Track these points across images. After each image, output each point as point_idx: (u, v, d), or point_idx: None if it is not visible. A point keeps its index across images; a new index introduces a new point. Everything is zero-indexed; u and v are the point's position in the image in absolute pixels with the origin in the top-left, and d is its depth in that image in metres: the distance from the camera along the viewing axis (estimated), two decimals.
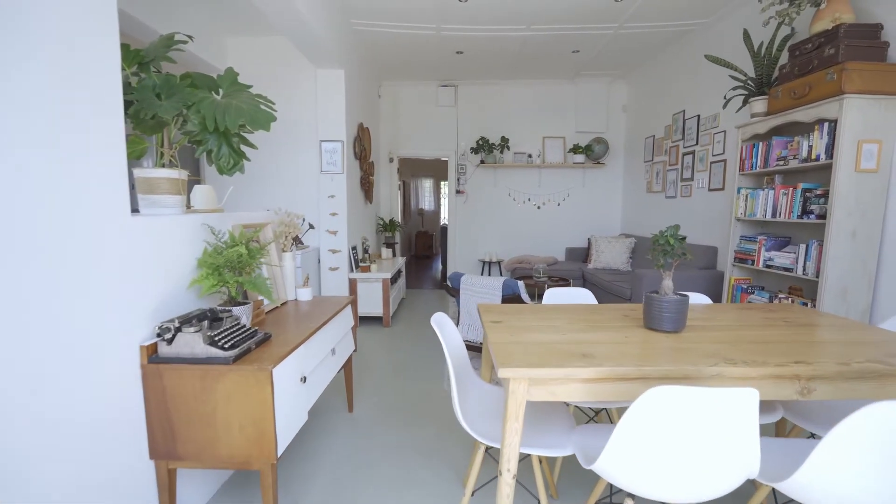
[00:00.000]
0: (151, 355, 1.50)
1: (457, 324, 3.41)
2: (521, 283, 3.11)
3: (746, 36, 3.23)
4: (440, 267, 9.10)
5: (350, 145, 4.51)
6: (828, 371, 1.25)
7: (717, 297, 3.78)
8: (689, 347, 1.44)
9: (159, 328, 1.48)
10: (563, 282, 4.61)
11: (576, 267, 5.59)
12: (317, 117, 4.31)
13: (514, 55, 5.14)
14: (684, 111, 4.68)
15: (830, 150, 2.57)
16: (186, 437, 1.50)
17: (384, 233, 6.11)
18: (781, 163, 2.95)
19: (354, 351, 2.65)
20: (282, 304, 2.35)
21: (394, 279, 4.80)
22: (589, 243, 5.78)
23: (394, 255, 5.86)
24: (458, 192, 6.50)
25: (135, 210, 1.67)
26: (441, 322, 1.68)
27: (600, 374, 1.24)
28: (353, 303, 2.61)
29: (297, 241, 2.50)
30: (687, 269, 3.99)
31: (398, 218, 6.71)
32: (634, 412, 1.08)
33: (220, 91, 1.79)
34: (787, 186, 2.89)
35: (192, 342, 1.49)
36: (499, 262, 6.48)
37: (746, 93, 3.28)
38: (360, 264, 4.61)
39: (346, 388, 2.68)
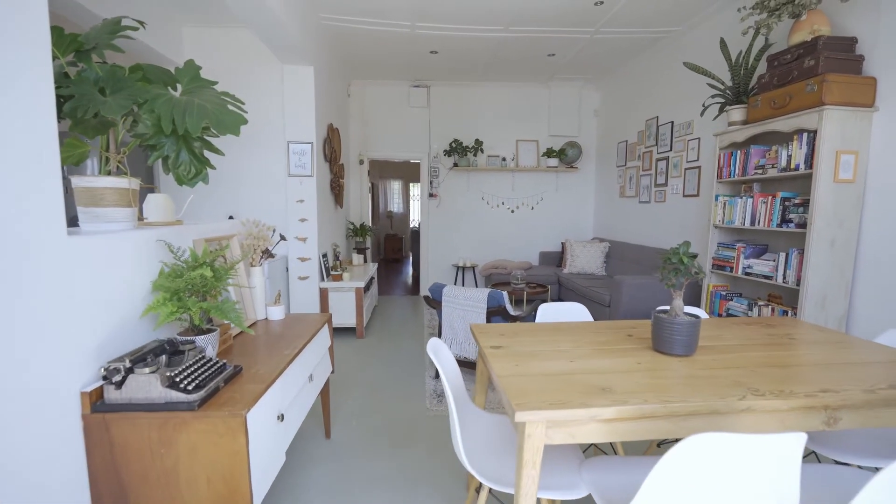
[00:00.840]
0: (96, 402, 1.26)
1: (438, 336, 3.25)
2: (505, 295, 2.99)
3: (723, 45, 3.25)
4: (411, 271, 8.90)
5: (320, 147, 4.25)
6: (855, 400, 1.19)
7: (694, 303, 3.81)
8: (706, 375, 1.35)
9: (105, 370, 1.24)
10: (541, 288, 4.55)
11: (551, 272, 5.55)
12: (284, 117, 4.03)
13: (489, 57, 5.04)
14: (658, 117, 4.72)
15: (809, 159, 2.60)
16: (141, 498, 1.26)
17: (355, 238, 5.86)
18: (760, 171, 2.97)
19: (332, 372, 2.44)
20: (251, 325, 2.11)
21: (367, 287, 4.58)
22: (563, 248, 5.76)
23: (365, 261, 5.62)
24: (430, 195, 6.33)
25: (74, 223, 1.42)
26: (437, 349, 1.52)
27: (625, 412, 1.12)
28: (329, 320, 2.40)
29: (268, 253, 2.26)
30: None
31: (368, 221, 6.47)
32: (672, 460, 0.96)
33: (179, 87, 1.56)
34: (765, 195, 2.91)
35: (146, 385, 1.26)
36: (473, 268, 6.36)
37: (724, 101, 3.31)
38: (332, 272, 4.36)
39: (323, 411, 2.46)
